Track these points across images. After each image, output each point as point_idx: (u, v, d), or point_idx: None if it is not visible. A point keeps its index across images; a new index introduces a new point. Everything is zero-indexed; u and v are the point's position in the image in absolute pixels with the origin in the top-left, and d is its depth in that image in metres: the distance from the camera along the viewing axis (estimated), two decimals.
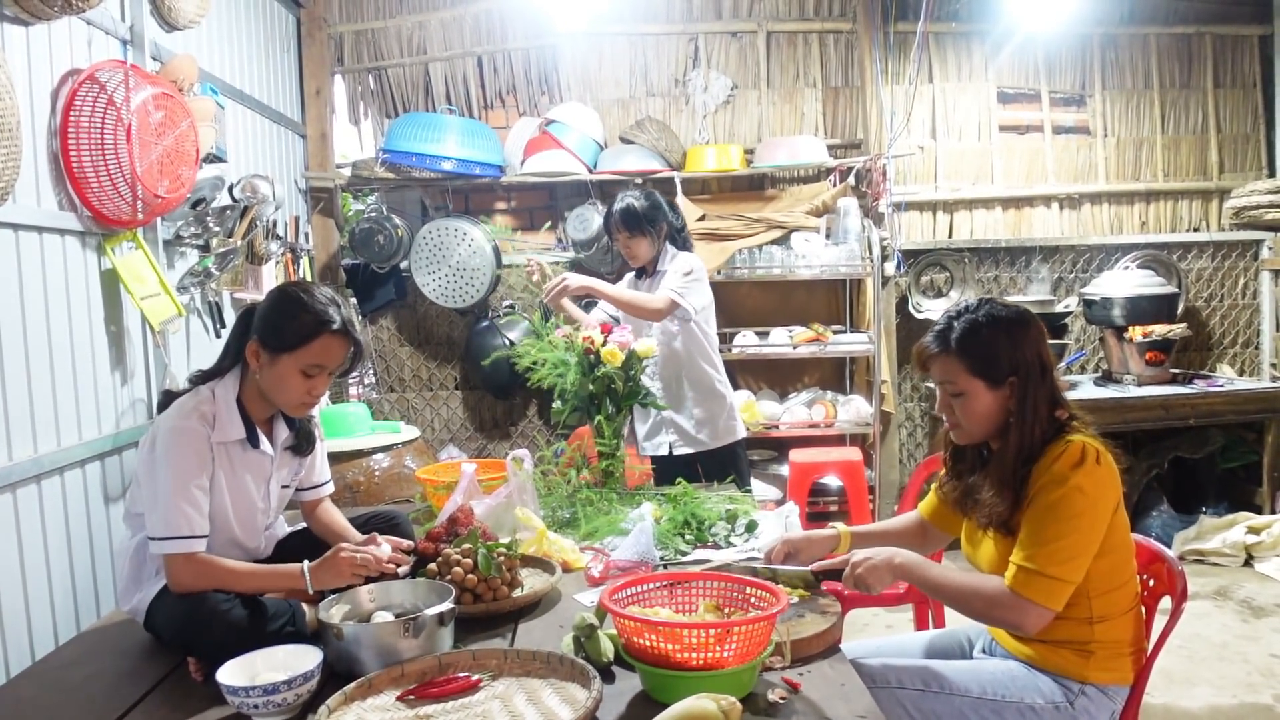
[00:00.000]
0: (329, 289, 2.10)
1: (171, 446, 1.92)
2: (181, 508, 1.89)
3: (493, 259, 4.68)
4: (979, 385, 1.85)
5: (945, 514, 2.14)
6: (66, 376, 2.49)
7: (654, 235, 3.44)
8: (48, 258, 2.43)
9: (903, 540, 2.15)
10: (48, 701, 1.74)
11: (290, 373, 1.99)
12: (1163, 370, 4.72)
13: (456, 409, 5.11)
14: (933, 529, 2.18)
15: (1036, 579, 1.74)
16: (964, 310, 1.92)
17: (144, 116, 2.56)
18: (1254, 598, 4.04)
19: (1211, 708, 3.13)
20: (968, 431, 1.91)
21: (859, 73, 5.04)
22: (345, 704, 1.53)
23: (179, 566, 1.88)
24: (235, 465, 2.05)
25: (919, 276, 5.13)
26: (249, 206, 3.33)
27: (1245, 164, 5.35)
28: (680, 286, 3.30)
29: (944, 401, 1.92)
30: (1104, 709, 1.83)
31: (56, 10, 2.30)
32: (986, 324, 1.86)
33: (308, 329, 1.97)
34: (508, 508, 2.45)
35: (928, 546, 2.19)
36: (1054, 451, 1.80)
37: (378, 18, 4.90)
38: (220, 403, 2.01)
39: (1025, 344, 1.86)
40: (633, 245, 3.46)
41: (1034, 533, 1.76)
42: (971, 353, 1.85)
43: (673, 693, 1.49)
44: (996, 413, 1.86)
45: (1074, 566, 1.75)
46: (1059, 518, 1.74)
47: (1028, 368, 1.84)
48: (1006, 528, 1.84)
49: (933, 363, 1.92)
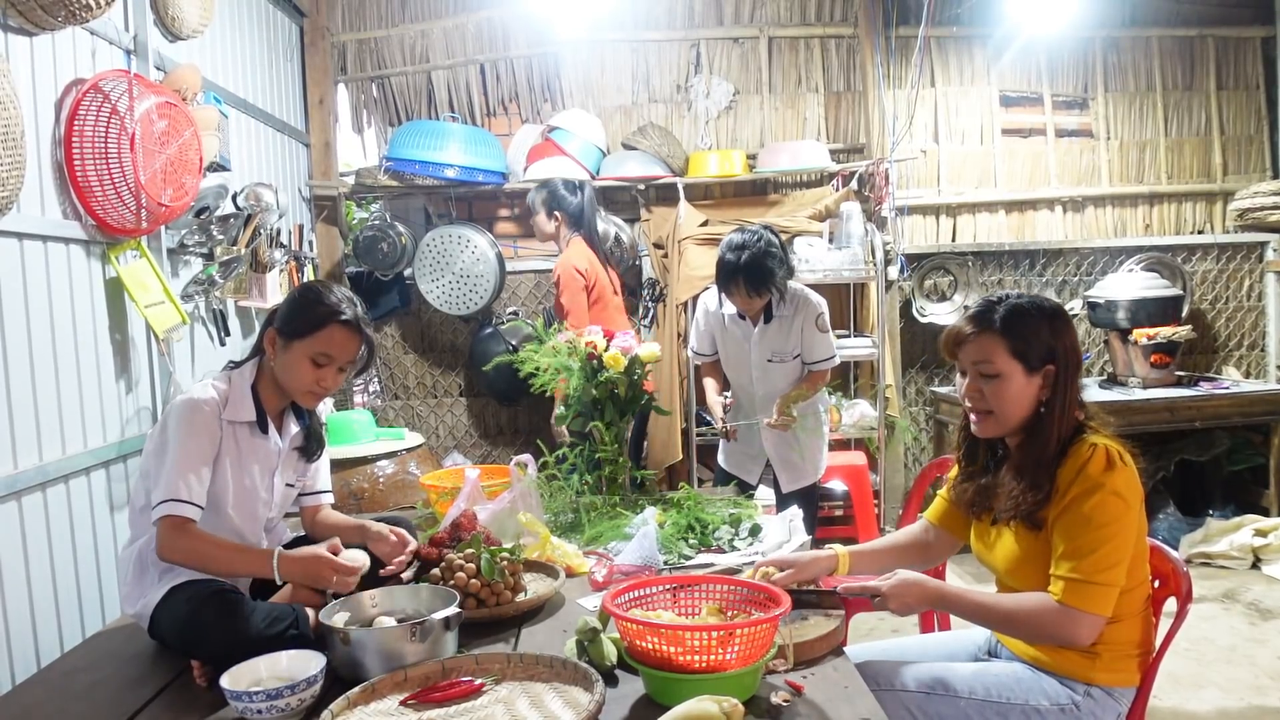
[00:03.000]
0: (347, 290, 2.18)
1: (183, 421, 1.99)
2: (185, 475, 1.94)
3: (496, 265, 4.69)
4: (1017, 368, 1.83)
5: (955, 517, 2.11)
6: (71, 385, 2.50)
7: (775, 288, 3.17)
8: (52, 266, 2.44)
9: (905, 555, 2.12)
10: (53, 707, 1.74)
11: (300, 359, 2.06)
12: (1168, 373, 4.71)
13: (460, 415, 5.11)
14: (941, 535, 2.14)
15: (1087, 588, 1.70)
16: (1005, 296, 1.90)
17: (148, 125, 2.57)
18: (1261, 600, 4.02)
19: (1219, 710, 3.12)
20: (996, 419, 1.86)
21: (861, 77, 5.05)
22: (349, 709, 1.53)
23: (168, 531, 1.92)
24: (243, 449, 2.10)
25: (922, 280, 5.12)
26: (252, 215, 3.34)
27: (1249, 166, 5.34)
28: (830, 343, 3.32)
29: (973, 387, 1.87)
30: (1110, 711, 1.82)
31: (60, 20, 2.31)
32: (1031, 309, 1.86)
33: (320, 318, 2.07)
34: (511, 513, 2.46)
35: (931, 558, 2.15)
36: (1079, 453, 1.78)
37: (380, 27, 4.92)
38: (236, 386, 2.11)
39: (1065, 334, 1.86)
40: (755, 303, 3.21)
41: (1074, 540, 1.72)
42: (1014, 333, 1.83)
43: (675, 695, 1.48)
44: (1027, 402, 1.84)
45: (1120, 571, 1.73)
46: (1099, 523, 1.71)
47: (1066, 358, 1.84)
48: (1032, 520, 1.81)
49: (969, 343, 1.87)
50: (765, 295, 3.19)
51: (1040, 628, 1.76)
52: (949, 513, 2.12)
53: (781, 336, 3.33)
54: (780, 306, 3.29)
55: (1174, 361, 4.73)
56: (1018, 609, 1.78)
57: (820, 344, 3.33)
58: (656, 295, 4.86)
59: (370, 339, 2.14)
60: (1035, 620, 1.76)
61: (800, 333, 3.31)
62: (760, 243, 3.10)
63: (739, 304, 3.25)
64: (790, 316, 3.30)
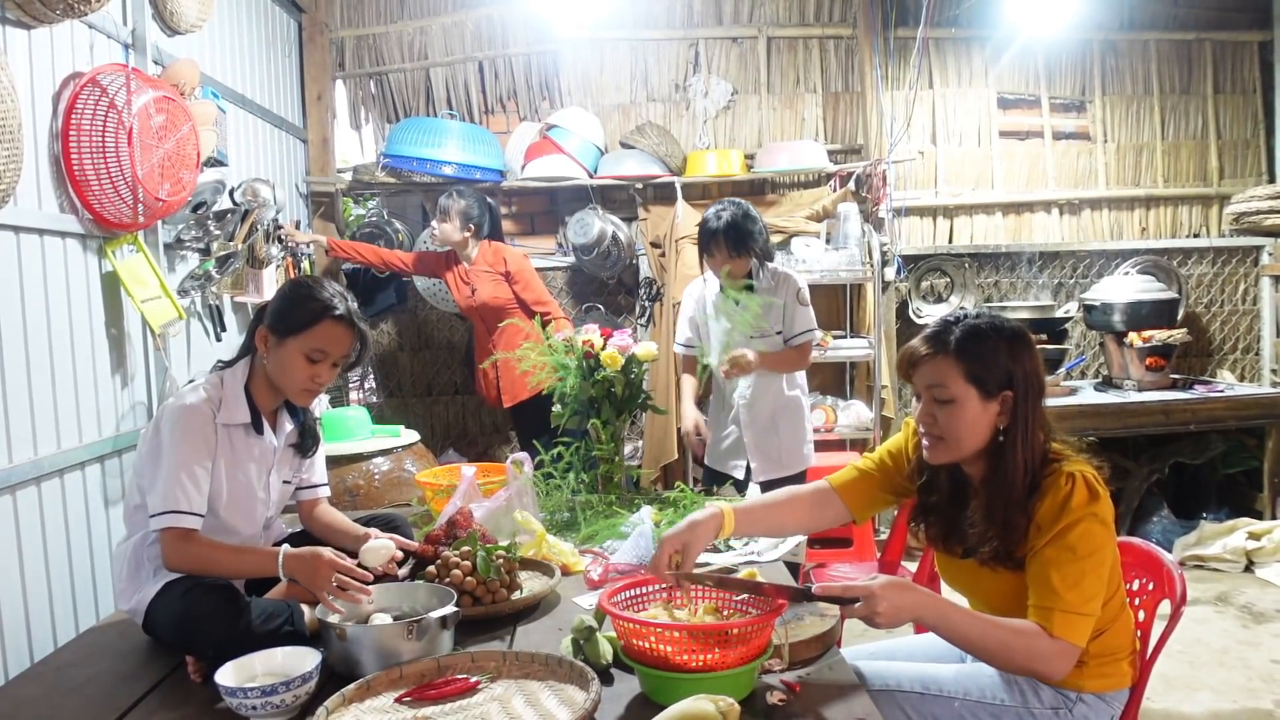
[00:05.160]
0: (338, 285, 2.16)
1: (177, 426, 1.97)
2: (182, 483, 1.93)
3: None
4: (971, 393, 1.74)
5: (861, 494, 2.01)
6: (67, 379, 2.50)
7: (754, 253, 3.25)
8: (49, 260, 2.43)
9: (793, 513, 2.03)
10: (47, 702, 1.74)
11: (295, 356, 2.04)
12: (1163, 376, 4.72)
13: (456, 413, 5.11)
14: (837, 505, 2.02)
15: (1075, 620, 1.65)
16: (963, 316, 1.81)
17: (145, 120, 2.57)
18: (1255, 603, 4.04)
19: (1212, 713, 3.13)
20: (948, 446, 1.77)
21: (859, 78, 5.06)
22: (344, 705, 1.53)
23: (173, 542, 1.91)
24: (238, 450, 2.08)
25: (919, 281, 5.13)
26: (250, 210, 3.34)
27: (1245, 169, 5.36)
28: (810, 317, 3.30)
29: (926, 411, 1.78)
30: (1102, 714, 1.82)
31: (59, 14, 2.31)
32: (989, 330, 1.76)
33: (313, 314, 2.04)
34: (507, 511, 2.45)
35: (817, 524, 2.06)
36: (1057, 486, 1.69)
37: (379, 23, 4.91)
38: (228, 388, 2.08)
39: (1024, 359, 1.76)
40: (735, 266, 3.21)
41: (1060, 570, 1.65)
42: (969, 356, 1.74)
43: (671, 694, 1.48)
44: (983, 429, 1.75)
45: (1100, 600, 1.70)
46: (1084, 553, 1.66)
47: (1025, 384, 1.74)
48: (1011, 560, 1.74)
49: (923, 364, 1.78)
50: (745, 257, 3.23)
51: (1029, 661, 1.67)
52: (856, 488, 2.03)
53: (762, 312, 3.34)
54: (761, 278, 3.33)
55: (1169, 364, 4.74)
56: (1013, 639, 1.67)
57: (801, 317, 3.34)
58: (653, 294, 4.86)
59: (364, 333, 2.13)
60: (1027, 652, 1.66)
61: (782, 308, 3.34)
62: (740, 208, 3.24)
63: (720, 269, 3.24)
64: (770, 291, 3.33)
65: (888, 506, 2.13)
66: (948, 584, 1.97)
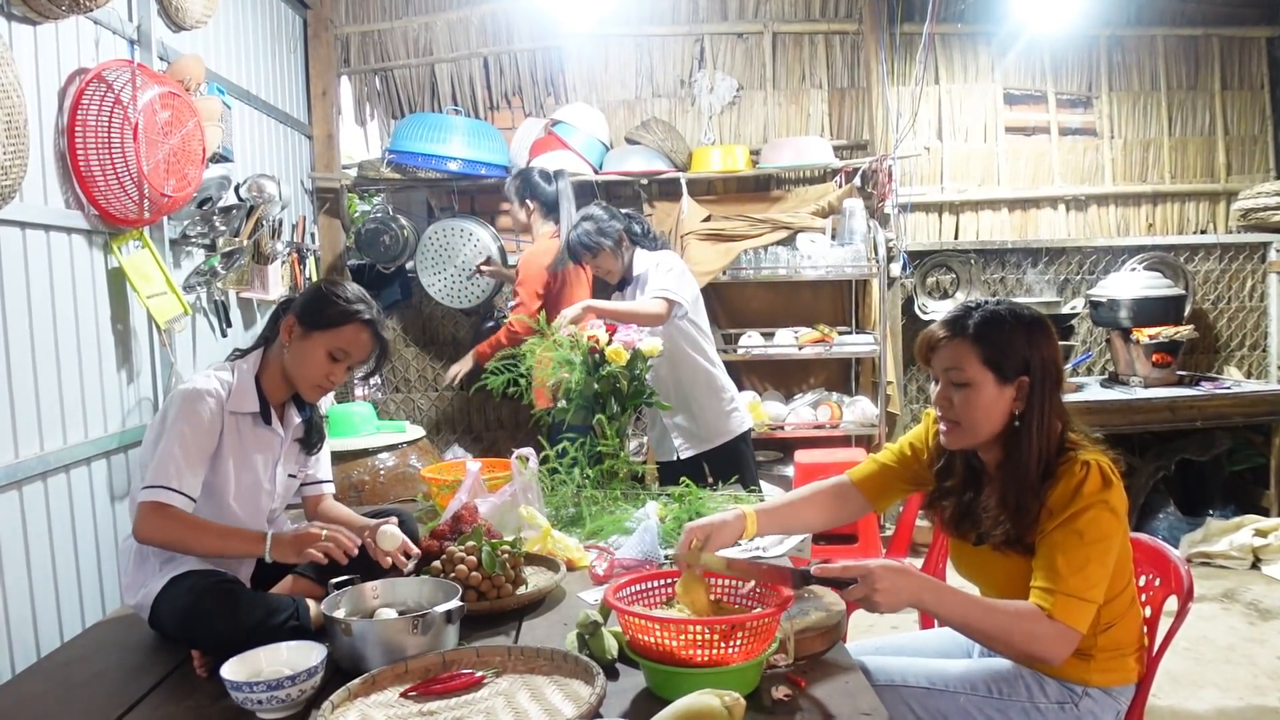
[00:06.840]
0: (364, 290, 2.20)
1: (183, 411, 1.99)
2: (176, 460, 1.94)
3: (498, 259, 4.69)
4: (988, 377, 1.76)
5: (880, 487, 2.05)
6: (73, 374, 2.50)
7: (611, 248, 3.42)
8: (54, 256, 2.43)
9: (814, 510, 2.06)
10: (53, 697, 1.74)
11: (317, 350, 2.08)
12: (1169, 372, 4.71)
13: (461, 408, 5.11)
14: (858, 499, 2.07)
15: (1077, 604, 1.65)
16: (982, 303, 1.84)
17: (150, 116, 2.57)
18: (1261, 600, 4.03)
19: (1218, 710, 3.12)
20: (964, 430, 1.79)
21: (865, 74, 5.04)
22: (349, 700, 1.53)
23: (147, 512, 1.91)
24: (245, 440, 2.10)
25: (925, 278, 5.12)
26: (255, 206, 3.34)
27: (1252, 166, 5.33)
28: (668, 284, 3.29)
29: (943, 394, 1.81)
30: (1109, 709, 1.82)
31: (64, 9, 2.31)
32: (1008, 317, 1.79)
33: (344, 314, 2.09)
34: (512, 506, 2.45)
35: (842, 515, 2.09)
36: (1071, 473, 1.70)
37: (384, 19, 4.91)
38: (240, 377, 2.11)
39: (1043, 345, 1.78)
40: (599, 264, 3.49)
41: (1066, 554, 1.66)
42: (987, 341, 1.76)
43: (676, 689, 1.48)
44: (999, 415, 1.77)
45: (1103, 589, 1.70)
46: (1091, 539, 1.66)
47: (1043, 371, 1.76)
48: (1023, 545, 1.75)
49: (941, 348, 1.81)
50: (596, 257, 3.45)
51: (1028, 643, 1.66)
52: (875, 480, 2.06)
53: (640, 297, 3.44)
54: (638, 267, 3.46)
55: (1175, 361, 4.72)
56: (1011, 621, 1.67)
57: (655, 279, 3.34)
58: None
59: (385, 342, 2.17)
60: (1026, 634, 1.66)
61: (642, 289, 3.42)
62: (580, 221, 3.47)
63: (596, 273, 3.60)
64: (645, 276, 3.41)
65: (906, 495, 2.16)
66: (959, 572, 1.98)
